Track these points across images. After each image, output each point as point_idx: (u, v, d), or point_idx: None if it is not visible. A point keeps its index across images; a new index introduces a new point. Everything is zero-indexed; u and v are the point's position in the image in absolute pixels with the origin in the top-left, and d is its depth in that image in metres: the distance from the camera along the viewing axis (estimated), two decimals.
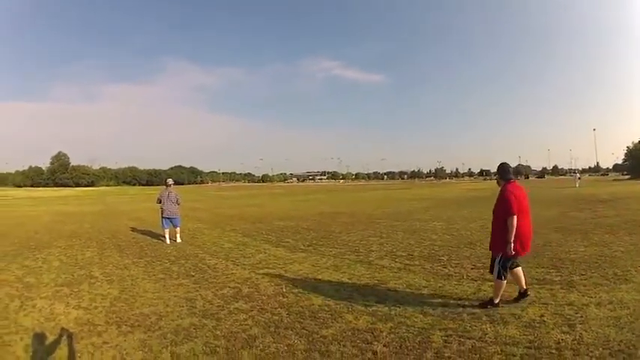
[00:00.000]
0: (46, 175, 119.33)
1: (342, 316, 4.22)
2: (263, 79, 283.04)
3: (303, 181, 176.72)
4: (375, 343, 3.52)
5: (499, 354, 3.21)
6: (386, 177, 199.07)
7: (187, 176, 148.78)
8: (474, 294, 4.86)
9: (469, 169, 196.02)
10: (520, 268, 4.54)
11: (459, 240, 8.90)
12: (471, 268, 6.15)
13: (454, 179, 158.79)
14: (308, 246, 8.79)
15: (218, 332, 3.89)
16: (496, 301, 4.34)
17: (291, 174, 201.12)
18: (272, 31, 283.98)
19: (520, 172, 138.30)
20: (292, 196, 36.34)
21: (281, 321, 4.15)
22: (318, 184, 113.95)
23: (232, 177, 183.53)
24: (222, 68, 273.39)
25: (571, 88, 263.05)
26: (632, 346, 3.21)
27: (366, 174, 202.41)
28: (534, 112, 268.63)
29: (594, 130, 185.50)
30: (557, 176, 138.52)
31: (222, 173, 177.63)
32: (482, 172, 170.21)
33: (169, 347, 3.56)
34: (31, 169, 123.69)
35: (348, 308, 4.48)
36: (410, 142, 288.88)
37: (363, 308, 4.46)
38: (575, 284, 5.06)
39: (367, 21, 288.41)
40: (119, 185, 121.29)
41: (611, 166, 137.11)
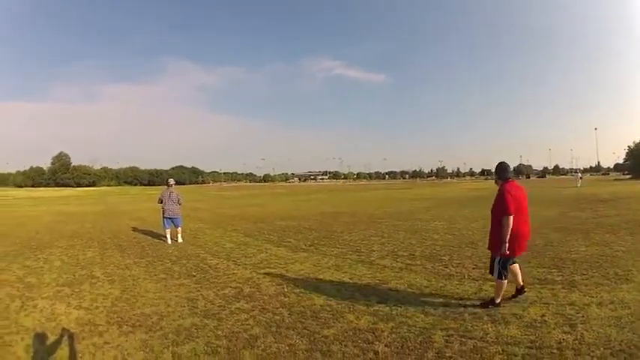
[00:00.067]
0: (47, 175, 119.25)
1: (343, 316, 4.22)
2: (263, 79, 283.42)
3: (305, 180, 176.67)
4: (376, 343, 3.52)
5: (500, 354, 3.21)
6: (387, 177, 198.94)
7: (189, 176, 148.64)
8: (476, 294, 4.86)
9: (470, 169, 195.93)
10: (517, 265, 4.54)
11: (461, 240, 8.89)
12: (473, 268, 6.15)
13: (455, 179, 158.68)
14: (309, 246, 8.80)
15: (219, 332, 3.89)
16: (497, 300, 4.34)
17: (293, 174, 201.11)
18: (272, 30, 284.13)
19: (521, 171, 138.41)
20: (294, 196, 36.38)
21: (282, 321, 4.16)
22: (319, 184, 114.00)
23: (234, 177, 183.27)
24: (223, 68, 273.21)
25: (573, 88, 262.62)
26: (633, 346, 3.21)
27: (368, 174, 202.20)
28: (536, 112, 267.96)
29: (595, 129, 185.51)
30: (558, 176, 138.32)
31: (224, 173, 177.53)
32: (483, 172, 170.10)
33: (171, 347, 3.57)
34: (32, 169, 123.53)
35: (350, 308, 4.48)
36: (410, 142, 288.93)
37: (365, 308, 4.47)
38: (576, 284, 5.06)
39: (367, 21, 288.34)
40: (120, 185, 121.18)
41: (612, 166, 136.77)
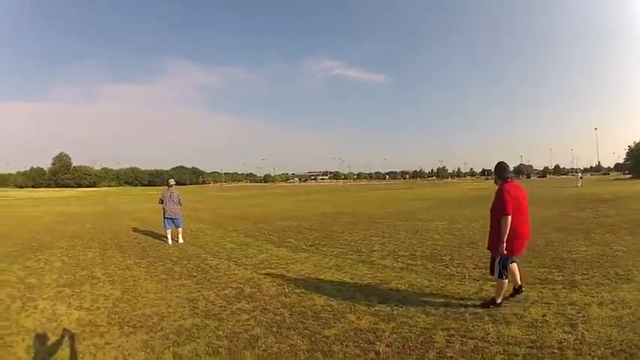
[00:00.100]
0: (47, 175, 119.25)
1: (344, 316, 4.22)
2: (264, 79, 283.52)
3: (305, 181, 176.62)
4: (377, 343, 3.52)
5: (501, 354, 3.21)
6: (388, 177, 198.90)
7: (189, 177, 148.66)
8: (477, 294, 4.86)
9: (471, 169, 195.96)
10: (515, 265, 4.54)
11: (461, 240, 8.89)
12: (473, 268, 6.14)
13: (456, 179, 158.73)
14: (310, 246, 8.80)
15: (220, 333, 3.89)
16: (498, 300, 4.34)
17: (293, 174, 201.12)
18: (272, 30, 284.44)
19: (522, 171, 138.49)
20: (294, 196, 36.39)
21: (283, 321, 4.16)
22: (320, 184, 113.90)
23: (234, 177, 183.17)
24: (223, 68, 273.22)
25: (573, 89, 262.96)
26: (633, 346, 3.21)
27: (368, 174, 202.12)
28: (536, 112, 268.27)
29: (596, 129, 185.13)
30: (558, 176, 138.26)
31: (225, 173, 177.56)
32: (484, 172, 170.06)
33: (172, 348, 3.57)
34: (32, 169, 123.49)
35: (351, 308, 4.49)
36: (410, 142, 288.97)
37: (366, 308, 4.47)
38: (577, 284, 5.05)
39: (367, 21, 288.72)
40: (121, 186, 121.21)
41: (612, 166, 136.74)
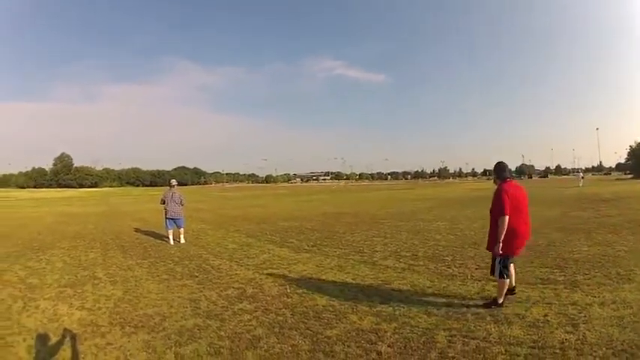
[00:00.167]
0: (49, 176, 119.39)
1: (346, 317, 4.23)
2: (264, 79, 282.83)
3: (307, 181, 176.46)
4: (379, 343, 3.52)
5: (503, 354, 3.21)
6: (389, 177, 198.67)
7: (191, 177, 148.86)
8: (478, 294, 4.85)
9: (472, 169, 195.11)
10: (512, 265, 4.53)
11: (463, 240, 8.88)
12: (475, 269, 6.14)
13: (457, 179, 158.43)
14: (312, 246, 8.80)
15: (222, 333, 3.90)
16: (500, 301, 4.33)
17: (295, 174, 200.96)
18: (272, 30, 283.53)
19: (523, 171, 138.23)
20: (296, 197, 36.39)
21: (285, 321, 4.16)
22: (321, 185, 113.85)
23: (236, 177, 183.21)
24: (223, 68, 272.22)
25: (573, 89, 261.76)
26: (634, 346, 3.20)
27: (370, 174, 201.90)
28: (537, 112, 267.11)
29: (597, 129, 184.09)
30: (560, 176, 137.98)
31: (226, 174, 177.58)
32: (485, 172, 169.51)
33: (173, 348, 3.58)
34: (34, 170, 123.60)
35: (353, 309, 4.49)
36: (410, 142, 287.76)
37: (368, 308, 4.47)
38: (578, 284, 5.05)
39: (367, 21, 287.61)
40: (123, 186, 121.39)
41: (613, 165, 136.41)
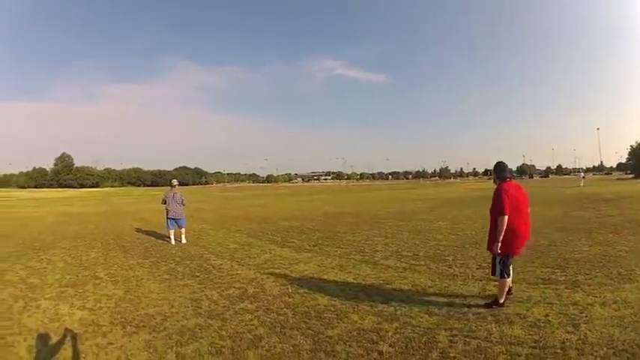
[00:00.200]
0: (50, 176, 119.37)
1: (347, 316, 4.23)
2: (265, 79, 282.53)
3: (308, 181, 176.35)
4: (380, 343, 3.52)
5: (504, 354, 3.21)
6: (390, 177, 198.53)
7: (192, 177, 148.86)
8: (480, 294, 4.85)
9: (474, 169, 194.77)
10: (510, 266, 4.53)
11: (464, 240, 8.88)
12: (477, 268, 6.13)
13: (459, 179, 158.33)
14: (313, 246, 8.80)
15: (224, 333, 3.90)
16: (501, 300, 4.33)
17: (296, 174, 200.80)
18: (272, 30, 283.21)
19: (524, 171, 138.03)
20: (297, 197, 36.39)
21: (287, 321, 4.17)
22: (322, 185, 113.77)
23: (237, 177, 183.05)
24: (223, 68, 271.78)
25: (573, 89, 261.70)
26: (635, 346, 3.20)
27: (371, 174, 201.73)
28: (537, 112, 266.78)
29: (598, 129, 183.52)
30: (561, 175, 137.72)
31: (227, 174, 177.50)
32: (486, 172, 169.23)
33: (175, 348, 3.58)
34: (34, 170, 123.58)
35: (354, 308, 4.49)
36: (410, 142, 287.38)
37: (369, 308, 4.47)
38: (579, 284, 5.05)
39: (367, 21, 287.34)
40: (124, 186, 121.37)
41: (614, 165, 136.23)
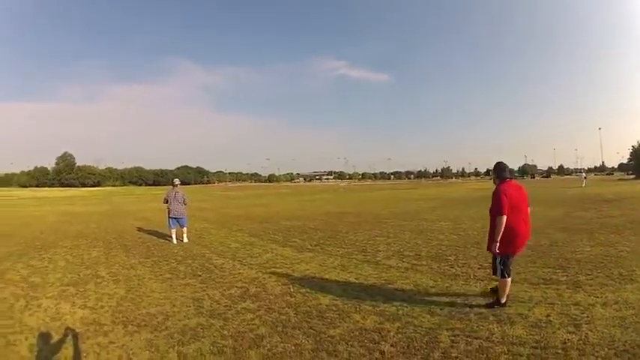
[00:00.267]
0: (51, 175, 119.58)
1: (349, 316, 4.23)
2: (266, 79, 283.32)
3: (310, 181, 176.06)
4: (382, 342, 3.52)
5: (506, 354, 3.21)
6: (392, 177, 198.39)
7: (194, 176, 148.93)
8: (481, 294, 4.84)
9: (475, 169, 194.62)
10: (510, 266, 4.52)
11: (466, 240, 8.87)
12: (478, 268, 6.13)
13: (460, 179, 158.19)
14: (315, 246, 8.81)
15: (225, 332, 3.90)
16: (502, 300, 4.33)
17: (298, 174, 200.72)
18: (273, 31, 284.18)
19: (526, 171, 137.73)
20: (299, 196, 36.39)
21: (288, 321, 4.17)
22: (324, 184, 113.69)
23: (239, 177, 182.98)
24: (225, 68, 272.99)
25: (574, 89, 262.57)
26: (636, 346, 3.20)
27: (373, 174, 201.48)
28: (539, 113, 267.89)
29: (599, 129, 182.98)
30: (562, 176, 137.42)
31: (229, 173, 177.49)
32: (488, 172, 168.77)
33: (176, 347, 3.59)
34: (36, 169, 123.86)
35: (356, 308, 4.49)
36: (412, 142, 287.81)
37: (371, 308, 4.47)
38: (581, 284, 5.04)
39: (368, 21, 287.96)
40: (125, 185, 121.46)
41: (616, 166, 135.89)
